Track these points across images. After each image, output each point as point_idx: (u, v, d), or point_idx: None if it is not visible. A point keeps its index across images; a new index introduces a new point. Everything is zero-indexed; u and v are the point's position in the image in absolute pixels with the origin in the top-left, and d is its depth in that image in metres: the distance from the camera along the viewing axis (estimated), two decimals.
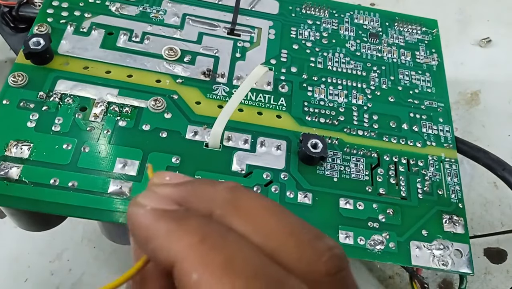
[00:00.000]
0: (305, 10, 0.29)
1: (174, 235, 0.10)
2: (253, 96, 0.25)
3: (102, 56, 0.25)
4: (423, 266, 0.21)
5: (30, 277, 0.25)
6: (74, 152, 0.21)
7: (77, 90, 0.23)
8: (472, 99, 0.36)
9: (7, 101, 0.22)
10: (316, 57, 0.27)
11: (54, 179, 0.20)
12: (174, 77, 0.25)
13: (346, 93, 0.26)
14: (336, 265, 0.10)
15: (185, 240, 0.09)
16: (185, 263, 0.09)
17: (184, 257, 0.09)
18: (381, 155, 0.24)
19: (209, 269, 0.09)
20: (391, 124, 0.26)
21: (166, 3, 0.28)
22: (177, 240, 0.10)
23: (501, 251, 0.29)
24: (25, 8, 0.27)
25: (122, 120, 0.23)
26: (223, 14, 0.28)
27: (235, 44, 0.27)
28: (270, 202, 0.11)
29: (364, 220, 0.22)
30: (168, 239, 0.10)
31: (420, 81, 0.28)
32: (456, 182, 0.24)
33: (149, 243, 0.10)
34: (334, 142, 0.24)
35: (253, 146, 0.23)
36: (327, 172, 0.23)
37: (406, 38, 0.29)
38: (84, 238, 0.27)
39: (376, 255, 0.21)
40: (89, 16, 0.26)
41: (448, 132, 0.26)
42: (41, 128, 0.22)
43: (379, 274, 0.28)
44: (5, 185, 0.20)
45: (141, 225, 0.10)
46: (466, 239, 0.22)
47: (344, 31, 0.29)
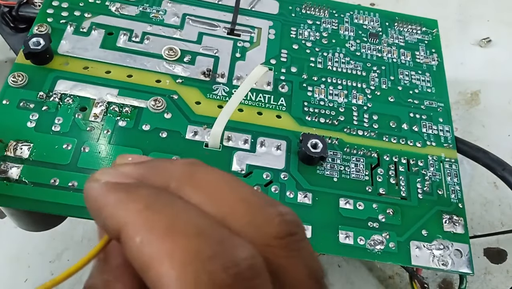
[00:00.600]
0: (305, 10, 0.29)
1: (122, 204, 0.10)
2: (253, 96, 0.25)
3: (102, 56, 0.25)
4: (423, 266, 0.21)
5: (30, 277, 0.25)
6: (74, 152, 0.21)
7: (77, 90, 0.23)
8: (472, 99, 0.36)
9: (7, 101, 0.22)
10: (316, 57, 0.27)
11: (54, 179, 0.20)
12: (174, 77, 0.25)
13: (346, 93, 0.26)
14: (286, 229, 0.10)
15: (132, 207, 0.10)
16: (130, 228, 0.09)
17: (129, 222, 0.09)
18: (381, 155, 0.24)
19: (152, 231, 0.09)
20: (391, 124, 0.26)
21: (166, 3, 0.28)
22: (124, 208, 0.10)
23: (501, 251, 0.29)
24: (25, 8, 0.27)
25: (122, 120, 0.23)
26: (223, 14, 0.28)
27: (235, 44, 0.27)
28: (226, 174, 0.11)
29: (364, 220, 0.22)
30: (116, 208, 0.10)
31: (420, 81, 0.28)
32: (456, 182, 0.24)
33: (100, 214, 0.10)
34: (334, 142, 0.24)
35: (253, 146, 0.23)
36: (327, 172, 0.23)
37: (406, 38, 0.29)
38: (84, 238, 0.27)
39: (376, 255, 0.21)
40: (89, 16, 0.26)
41: (448, 132, 0.26)
42: (41, 128, 0.22)
43: (379, 274, 0.28)
44: (5, 185, 0.20)
45: (93, 197, 0.11)
46: (466, 239, 0.22)
47: (344, 31, 0.29)
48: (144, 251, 0.09)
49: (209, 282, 0.09)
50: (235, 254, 0.09)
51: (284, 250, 0.10)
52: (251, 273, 0.09)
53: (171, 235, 0.09)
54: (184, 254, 0.09)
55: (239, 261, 0.09)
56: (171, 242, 0.09)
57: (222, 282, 0.09)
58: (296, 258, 0.10)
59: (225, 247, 0.09)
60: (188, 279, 0.09)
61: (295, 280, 0.10)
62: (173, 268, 0.09)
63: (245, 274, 0.09)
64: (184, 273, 0.09)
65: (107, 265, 0.11)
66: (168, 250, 0.09)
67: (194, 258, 0.09)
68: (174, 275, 0.09)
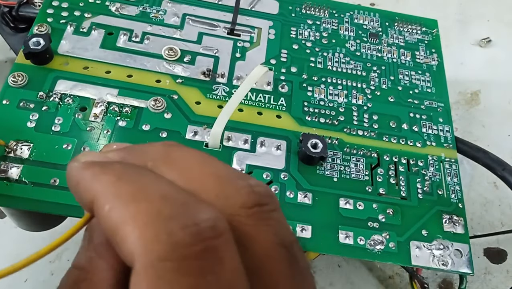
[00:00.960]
0: (305, 10, 0.29)
1: (96, 177, 0.10)
2: (253, 96, 0.25)
3: (102, 56, 0.25)
4: (423, 266, 0.21)
5: (30, 277, 0.25)
6: (74, 152, 0.21)
7: (77, 90, 0.23)
8: (472, 99, 0.36)
9: (7, 101, 0.22)
10: (316, 57, 0.27)
11: (54, 179, 0.20)
12: (174, 77, 0.25)
13: (346, 93, 0.26)
14: (254, 199, 0.10)
15: (104, 179, 0.10)
16: (100, 198, 0.10)
17: (100, 192, 0.10)
18: (381, 155, 0.24)
19: (119, 198, 0.10)
20: (391, 124, 0.26)
21: (166, 3, 0.28)
22: (97, 180, 0.10)
23: (501, 251, 0.29)
24: (25, 8, 0.27)
25: (122, 120, 0.23)
26: (223, 14, 0.28)
27: (235, 44, 0.27)
28: (201, 153, 0.11)
29: (364, 220, 0.22)
30: (90, 181, 0.10)
31: (420, 81, 0.28)
32: (456, 182, 0.24)
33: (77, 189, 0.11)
34: (334, 142, 0.24)
35: (253, 146, 0.23)
36: (327, 172, 0.23)
37: (406, 38, 0.29)
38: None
39: (376, 255, 0.21)
40: (89, 16, 0.26)
41: (448, 132, 0.26)
42: (41, 128, 0.22)
43: (379, 274, 0.28)
44: (5, 185, 0.20)
45: (71, 174, 0.11)
46: (466, 239, 0.22)
47: (344, 31, 0.29)
48: (111, 217, 0.09)
49: (168, 241, 0.09)
50: (196, 215, 0.09)
51: (251, 219, 0.10)
52: (212, 233, 0.09)
53: (136, 200, 0.09)
54: (146, 216, 0.09)
55: (199, 221, 0.09)
56: (136, 206, 0.09)
57: (180, 241, 0.09)
58: (264, 227, 0.10)
59: (187, 209, 0.09)
60: (148, 238, 0.09)
61: (262, 247, 0.10)
62: (135, 228, 0.09)
63: (205, 234, 0.09)
64: (145, 232, 0.09)
65: (91, 243, 0.11)
66: (132, 213, 0.09)
67: (155, 218, 0.09)
68: (136, 235, 0.09)
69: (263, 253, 0.10)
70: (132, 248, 0.09)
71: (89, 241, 0.11)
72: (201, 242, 0.09)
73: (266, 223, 0.10)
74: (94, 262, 0.11)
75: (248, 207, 0.10)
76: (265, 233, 0.10)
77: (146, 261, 0.09)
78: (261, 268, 0.10)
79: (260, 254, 0.10)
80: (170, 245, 0.09)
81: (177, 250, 0.09)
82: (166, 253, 0.09)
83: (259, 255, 0.10)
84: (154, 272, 0.09)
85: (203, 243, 0.09)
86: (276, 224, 0.11)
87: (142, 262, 0.09)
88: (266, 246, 0.10)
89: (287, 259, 0.10)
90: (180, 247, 0.09)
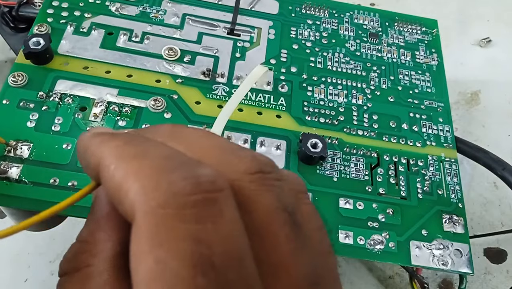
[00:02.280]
0: (305, 10, 0.29)
1: (104, 142, 0.11)
2: (253, 96, 0.25)
3: (102, 56, 0.25)
4: (423, 266, 0.21)
5: (30, 277, 0.25)
6: (74, 152, 0.21)
7: (77, 90, 0.23)
8: (472, 99, 0.36)
9: (7, 101, 0.22)
10: (316, 57, 0.27)
11: (54, 179, 0.20)
12: (174, 77, 0.25)
13: (346, 93, 0.26)
14: (256, 166, 0.11)
15: (112, 144, 0.10)
16: (106, 159, 0.10)
17: (106, 154, 0.10)
18: (381, 155, 0.24)
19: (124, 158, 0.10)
20: (391, 124, 0.26)
21: (166, 3, 0.28)
22: (105, 145, 0.10)
23: (501, 251, 0.29)
24: (25, 8, 0.27)
25: (122, 120, 0.23)
26: (223, 14, 0.28)
27: (235, 44, 0.27)
28: (206, 131, 0.12)
29: (364, 220, 0.22)
30: (99, 146, 0.11)
31: (420, 81, 0.28)
32: (456, 182, 0.24)
33: (85, 155, 0.11)
34: (334, 142, 0.24)
35: (253, 146, 0.23)
36: (327, 172, 0.23)
37: (406, 38, 0.29)
38: None
39: (376, 255, 0.21)
40: (89, 16, 0.26)
41: (448, 132, 0.26)
42: (41, 128, 0.22)
43: (379, 274, 0.28)
44: (5, 185, 0.20)
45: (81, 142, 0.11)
46: (466, 239, 0.22)
47: (344, 31, 0.29)
48: (115, 175, 0.10)
49: (168, 189, 0.09)
50: (197, 170, 0.10)
51: (254, 184, 0.10)
52: (212, 186, 0.09)
53: (139, 158, 0.10)
54: (148, 170, 0.09)
55: (200, 175, 0.09)
56: (138, 162, 0.10)
57: (180, 190, 0.09)
58: (267, 192, 0.10)
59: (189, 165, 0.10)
60: (148, 187, 0.09)
61: (264, 211, 0.10)
62: (136, 180, 0.09)
63: (205, 186, 0.09)
64: (146, 182, 0.09)
65: (93, 215, 0.12)
66: (135, 168, 0.09)
67: (157, 171, 0.09)
68: (137, 186, 0.09)
69: (264, 217, 0.10)
70: (133, 199, 0.09)
71: (91, 215, 0.12)
72: (201, 193, 0.09)
73: (268, 188, 0.10)
74: (95, 234, 0.11)
75: (251, 173, 0.10)
76: (267, 198, 0.10)
77: (146, 208, 0.09)
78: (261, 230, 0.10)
79: (261, 217, 0.10)
80: (171, 193, 0.09)
81: (177, 198, 0.09)
82: (166, 201, 0.09)
83: (260, 218, 0.10)
84: (154, 218, 0.09)
85: (203, 194, 0.09)
86: (279, 191, 0.11)
87: (142, 209, 0.09)
88: (267, 210, 0.10)
89: (289, 223, 0.10)
90: (180, 195, 0.09)
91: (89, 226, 0.12)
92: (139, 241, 0.09)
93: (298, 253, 0.10)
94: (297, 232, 0.10)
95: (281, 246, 0.10)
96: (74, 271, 0.11)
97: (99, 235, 0.11)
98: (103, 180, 0.10)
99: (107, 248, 0.11)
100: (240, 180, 0.10)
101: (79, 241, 0.12)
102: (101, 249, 0.11)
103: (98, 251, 0.11)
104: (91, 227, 0.12)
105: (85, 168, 0.11)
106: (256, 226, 0.10)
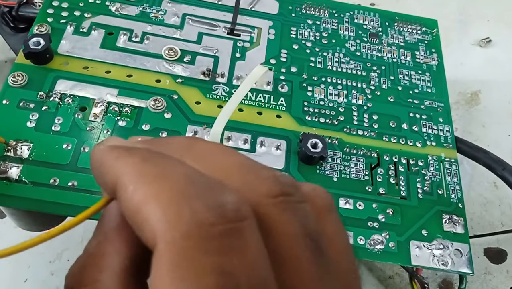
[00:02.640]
0: (305, 10, 0.29)
1: (121, 158, 0.10)
2: (253, 96, 0.25)
3: (102, 56, 0.25)
4: (423, 266, 0.21)
5: (30, 277, 0.25)
6: (74, 152, 0.21)
7: (77, 90, 0.23)
8: (472, 99, 0.36)
9: (7, 101, 0.22)
10: (316, 57, 0.27)
11: (54, 179, 0.20)
12: (174, 77, 0.25)
13: (346, 93, 0.26)
14: (279, 188, 0.10)
15: (129, 160, 0.10)
16: (124, 178, 0.10)
17: (124, 172, 0.10)
18: (381, 155, 0.24)
19: (143, 178, 0.09)
20: (391, 124, 0.26)
21: (166, 3, 0.28)
22: (122, 161, 0.10)
23: (501, 251, 0.29)
24: (25, 8, 0.27)
25: (122, 120, 0.23)
26: (223, 14, 0.28)
27: (235, 44, 0.27)
28: (223, 146, 0.12)
29: (364, 219, 0.22)
30: (115, 162, 0.10)
31: (420, 81, 0.28)
32: (456, 182, 0.24)
33: (101, 170, 0.11)
34: (334, 142, 0.24)
35: (253, 146, 0.23)
36: (327, 172, 0.23)
37: (406, 38, 0.29)
38: (84, 238, 0.27)
39: (376, 255, 0.21)
40: (89, 16, 0.26)
41: (448, 132, 0.26)
42: (41, 128, 0.22)
43: (379, 274, 0.28)
44: (5, 185, 0.20)
45: (96, 156, 0.11)
46: (466, 239, 0.22)
47: (344, 31, 0.29)
48: (134, 197, 0.09)
49: (192, 219, 0.09)
50: (221, 198, 0.09)
51: (277, 208, 0.10)
52: (236, 215, 0.09)
53: (160, 180, 0.09)
54: (170, 195, 0.09)
55: (224, 203, 0.09)
56: (159, 185, 0.09)
57: (204, 220, 0.09)
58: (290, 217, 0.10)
59: (211, 191, 0.09)
60: (171, 216, 0.09)
61: (286, 237, 0.10)
62: (158, 206, 0.09)
63: (229, 215, 0.09)
64: (168, 210, 0.09)
65: (102, 227, 0.11)
66: (155, 192, 0.09)
67: (179, 197, 0.09)
68: (159, 213, 0.09)
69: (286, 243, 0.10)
70: (154, 227, 0.09)
71: (100, 226, 0.12)
72: (225, 223, 0.09)
73: (291, 213, 0.10)
74: (102, 247, 0.11)
75: (273, 196, 0.10)
76: (290, 222, 0.10)
77: (169, 239, 0.09)
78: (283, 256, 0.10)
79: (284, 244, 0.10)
80: (194, 224, 0.09)
81: (201, 229, 0.09)
82: (189, 231, 0.09)
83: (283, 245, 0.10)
84: (176, 249, 0.08)
85: (227, 224, 0.09)
86: (303, 215, 0.10)
87: (164, 239, 0.09)
88: (290, 236, 0.10)
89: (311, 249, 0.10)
90: (204, 225, 0.09)
91: (97, 237, 0.11)
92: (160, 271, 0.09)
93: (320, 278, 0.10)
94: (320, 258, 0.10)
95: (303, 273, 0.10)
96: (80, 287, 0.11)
97: (107, 248, 0.11)
98: (121, 200, 0.10)
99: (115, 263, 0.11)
100: (263, 204, 0.10)
101: (86, 253, 0.11)
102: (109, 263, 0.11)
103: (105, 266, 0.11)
104: (99, 239, 0.11)
105: (100, 183, 0.11)
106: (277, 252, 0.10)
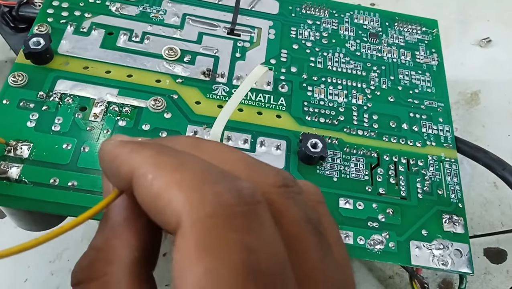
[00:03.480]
0: (305, 10, 0.29)
1: (135, 151, 0.11)
2: (253, 96, 0.25)
3: (102, 56, 0.25)
4: (423, 266, 0.21)
5: (30, 277, 0.26)
6: (74, 151, 0.21)
7: (77, 90, 0.23)
8: (472, 99, 0.36)
9: (7, 101, 0.22)
10: (316, 57, 0.27)
11: (54, 179, 0.20)
12: (174, 77, 0.25)
13: (346, 93, 0.26)
14: (282, 180, 0.11)
15: (144, 153, 0.10)
16: (142, 168, 0.10)
17: (142, 163, 0.10)
18: (381, 155, 0.24)
19: (162, 169, 0.10)
20: (391, 124, 0.26)
21: (166, 3, 0.28)
22: (137, 154, 0.10)
23: (501, 251, 0.29)
24: (25, 8, 0.27)
25: (122, 119, 0.23)
26: (223, 14, 0.28)
27: (235, 44, 0.27)
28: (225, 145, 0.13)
29: (363, 219, 0.22)
30: (130, 155, 0.11)
31: (420, 81, 0.28)
32: (456, 182, 0.24)
33: (113, 164, 0.11)
34: (334, 142, 0.24)
35: (253, 146, 0.23)
36: (327, 172, 0.23)
37: (406, 38, 0.29)
38: (84, 238, 0.27)
39: (375, 255, 0.21)
40: (89, 16, 0.26)
41: (448, 132, 0.26)
42: (41, 128, 0.22)
43: (379, 274, 0.28)
44: (5, 185, 0.20)
45: (107, 150, 0.11)
46: (466, 239, 0.22)
47: (344, 31, 0.29)
48: (154, 184, 0.10)
49: (215, 200, 0.09)
50: (238, 183, 0.10)
51: (281, 196, 0.11)
52: (253, 198, 0.10)
53: (180, 170, 0.10)
54: (192, 182, 0.10)
55: (241, 187, 0.10)
56: (180, 174, 0.10)
57: (226, 201, 0.09)
58: (293, 204, 0.11)
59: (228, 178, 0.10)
60: (195, 198, 0.09)
61: (292, 222, 0.11)
62: (181, 191, 0.09)
63: (247, 198, 0.10)
64: (192, 194, 0.09)
65: (108, 223, 0.12)
66: (177, 179, 0.10)
67: (201, 183, 0.10)
68: (182, 197, 0.09)
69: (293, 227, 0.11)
70: (178, 208, 0.09)
71: (105, 222, 0.12)
72: (245, 205, 0.09)
73: (293, 202, 0.11)
74: (110, 242, 0.11)
75: (278, 186, 0.11)
76: (294, 209, 0.11)
77: (195, 218, 0.09)
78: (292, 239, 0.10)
79: (290, 228, 0.11)
80: (218, 204, 0.09)
81: (224, 208, 0.09)
82: (214, 210, 0.09)
83: (290, 229, 0.10)
84: (203, 227, 0.09)
85: (246, 206, 0.09)
86: (303, 204, 0.11)
87: (190, 219, 0.09)
88: (295, 221, 0.11)
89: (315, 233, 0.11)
90: (227, 206, 0.09)
91: (103, 233, 0.12)
92: (186, 250, 0.09)
93: (324, 261, 0.11)
94: (322, 241, 0.11)
95: (310, 255, 0.10)
96: (90, 281, 0.11)
97: (115, 242, 0.11)
98: (139, 188, 0.10)
99: (124, 255, 0.11)
100: (269, 193, 0.11)
101: (94, 248, 0.11)
102: (118, 256, 0.11)
103: (115, 259, 0.11)
104: (106, 234, 0.11)
105: (113, 176, 0.11)
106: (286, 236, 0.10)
